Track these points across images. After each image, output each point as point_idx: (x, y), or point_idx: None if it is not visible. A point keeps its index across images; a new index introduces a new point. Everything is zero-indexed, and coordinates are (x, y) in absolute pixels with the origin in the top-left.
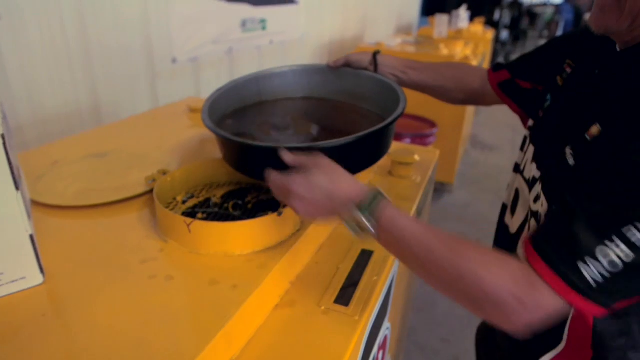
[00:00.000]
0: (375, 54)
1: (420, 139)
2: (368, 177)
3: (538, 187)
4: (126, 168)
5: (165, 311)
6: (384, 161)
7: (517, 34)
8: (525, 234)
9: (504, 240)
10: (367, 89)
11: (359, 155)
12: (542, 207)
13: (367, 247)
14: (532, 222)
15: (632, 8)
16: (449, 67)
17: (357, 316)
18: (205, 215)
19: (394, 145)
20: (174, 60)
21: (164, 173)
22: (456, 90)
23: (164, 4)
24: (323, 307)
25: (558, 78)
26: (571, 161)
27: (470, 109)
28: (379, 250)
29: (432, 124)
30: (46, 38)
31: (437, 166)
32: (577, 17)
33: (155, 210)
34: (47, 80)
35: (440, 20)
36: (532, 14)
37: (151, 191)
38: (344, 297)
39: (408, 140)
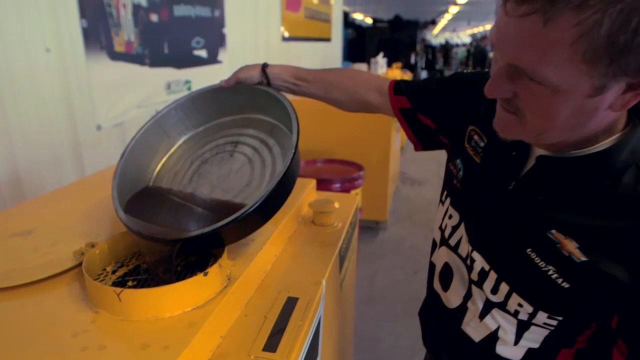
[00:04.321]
0: (264, 68)
1: (349, 183)
2: (292, 227)
3: (492, 279)
4: (53, 244)
5: None
6: (307, 212)
7: (434, 74)
8: (472, 319)
9: (437, 304)
10: (265, 101)
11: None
12: (519, 307)
13: (293, 294)
14: (497, 313)
15: (533, 126)
16: (341, 77)
17: None
18: (135, 283)
19: (317, 195)
20: (98, 127)
21: (93, 246)
22: (349, 102)
23: (85, 72)
24: (252, 356)
25: (468, 147)
26: (561, 282)
27: (394, 150)
28: (303, 296)
29: (359, 167)
30: None
31: (370, 206)
32: (482, 57)
33: (85, 283)
34: None
35: (360, 68)
36: (446, 55)
37: (80, 264)
38: (272, 344)
39: (338, 185)
